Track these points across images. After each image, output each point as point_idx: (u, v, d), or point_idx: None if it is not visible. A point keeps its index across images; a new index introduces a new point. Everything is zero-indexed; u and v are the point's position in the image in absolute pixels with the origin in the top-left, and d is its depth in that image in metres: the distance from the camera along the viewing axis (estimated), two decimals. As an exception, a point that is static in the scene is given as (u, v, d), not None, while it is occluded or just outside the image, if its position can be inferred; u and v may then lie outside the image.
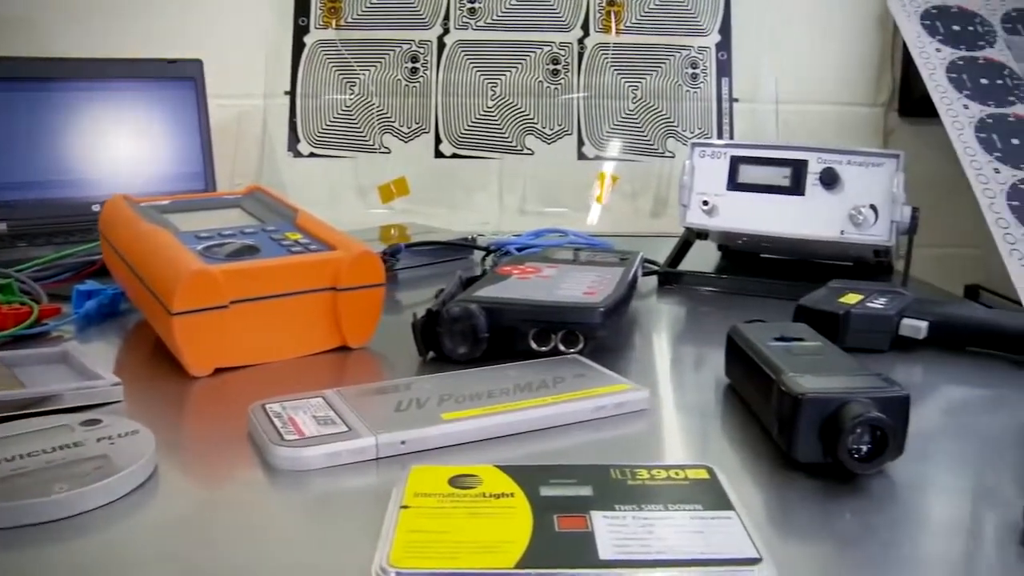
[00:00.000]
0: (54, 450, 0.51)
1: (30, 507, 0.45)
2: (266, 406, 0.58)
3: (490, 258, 1.13)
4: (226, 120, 1.42)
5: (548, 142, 1.47)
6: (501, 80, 1.47)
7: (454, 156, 1.47)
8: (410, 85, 1.47)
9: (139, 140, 1.28)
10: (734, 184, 1.00)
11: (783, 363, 0.57)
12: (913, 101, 1.48)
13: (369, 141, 1.46)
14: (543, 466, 0.47)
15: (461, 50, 1.47)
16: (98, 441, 0.52)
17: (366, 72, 1.47)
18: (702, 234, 1.05)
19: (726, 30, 1.50)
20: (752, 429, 0.59)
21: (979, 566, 0.45)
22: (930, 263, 1.19)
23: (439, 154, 1.47)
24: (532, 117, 1.47)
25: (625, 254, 0.94)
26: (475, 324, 0.70)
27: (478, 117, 1.47)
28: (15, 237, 1.14)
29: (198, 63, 1.31)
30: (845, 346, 0.74)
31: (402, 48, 1.47)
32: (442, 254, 1.14)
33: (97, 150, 1.24)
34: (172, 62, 1.30)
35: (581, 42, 1.48)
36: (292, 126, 1.46)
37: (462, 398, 0.59)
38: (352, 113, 1.47)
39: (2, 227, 1.16)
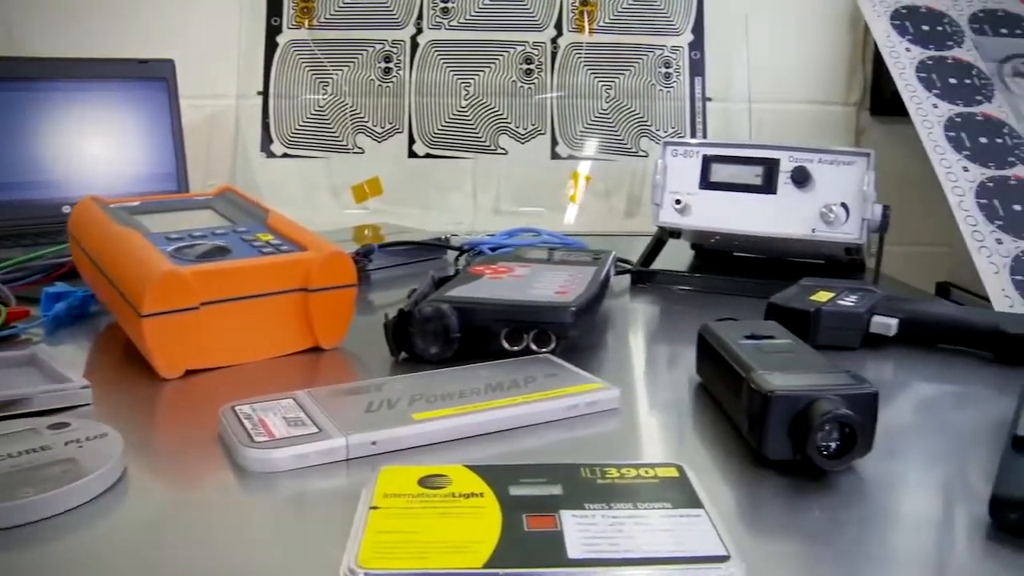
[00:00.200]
0: (21, 454, 0.50)
1: (-4, 511, 0.44)
2: (236, 408, 0.57)
3: (463, 258, 1.13)
4: (199, 121, 1.42)
5: (522, 142, 1.48)
6: (474, 80, 1.47)
7: (427, 156, 1.47)
8: (383, 85, 1.47)
9: (110, 141, 1.27)
10: (706, 183, 1.00)
11: (753, 361, 0.57)
12: (884, 100, 1.49)
13: (342, 141, 1.46)
14: (513, 465, 0.47)
15: (434, 50, 1.47)
16: (66, 444, 0.52)
17: (339, 72, 1.46)
18: (675, 233, 1.05)
19: (699, 30, 1.51)
20: (723, 427, 0.59)
21: (947, 560, 0.45)
22: (902, 261, 1.20)
23: (412, 154, 1.47)
24: (506, 117, 1.47)
25: (598, 253, 0.94)
26: (447, 324, 0.70)
27: (451, 117, 1.47)
28: (-16, 239, 1.13)
29: (170, 63, 1.30)
30: (816, 344, 0.75)
31: (375, 48, 1.47)
32: (415, 254, 1.14)
33: (68, 151, 1.23)
34: (143, 62, 1.29)
35: (554, 42, 1.48)
36: (265, 126, 1.46)
37: (433, 398, 0.59)
38: (325, 113, 1.46)
39: (-30, 229, 1.15)
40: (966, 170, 1.10)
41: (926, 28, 1.29)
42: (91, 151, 1.25)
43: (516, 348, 0.71)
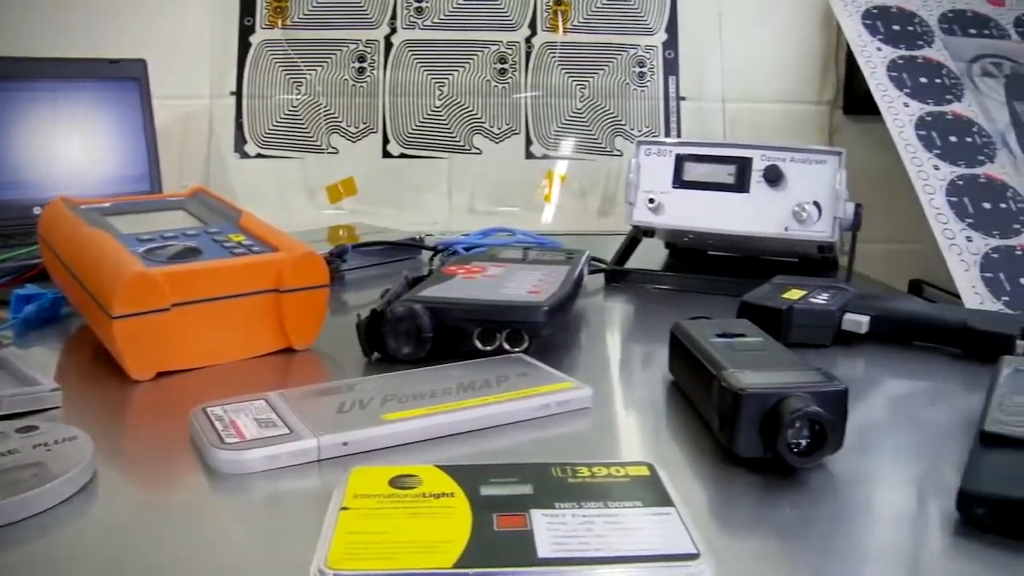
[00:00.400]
0: (-12, 457, 0.50)
1: (-37, 516, 0.44)
2: (207, 409, 0.57)
3: (437, 258, 1.13)
4: (172, 121, 1.41)
5: (496, 141, 1.48)
6: (449, 79, 1.47)
7: (402, 156, 1.47)
8: (357, 85, 1.46)
9: (82, 142, 1.26)
10: (680, 182, 1.00)
11: (724, 359, 0.57)
12: (857, 99, 1.50)
13: (317, 141, 1.46)
14: (483, 465, 0.47)
15: (408, 50, 1.47)
16: (34, 448, 0.51)
17: (313, 72, 1.46)
18: (648, 232, 1.05)
19: (672, 29, 1.51)
20: (695, 425, 0.59)
21: (915, 555, 0.45)
22: (875, 259, 1.21)
23: (387, 154, 1.47)
24: (480, 116, 1.47)
25: (571, 253, 0.94)
26: (419, 324, 0.70)
27: (426, 117, 1.47)
28: (-47, 241, 1.11)
29: (142, 63, 1.30)
30: (788, 341, 0.75)
31: (349, 48, 1.46)
32: (390, 254, 1.14)
33: (39, 152, 1.22)
34: (115, 62, 1.28)
35: (528, 41, 1.48)
36: (239, 127, 1.45)
37: (405, 398, 0.59)
38: (299, 113, 1.46)
39: (-60, 231, 1.14)
40: (937, 168, 1.11)
41: (897, 28, 1.30)
42: (62, 152, 1.24)
43: (489, 348, 0.71)
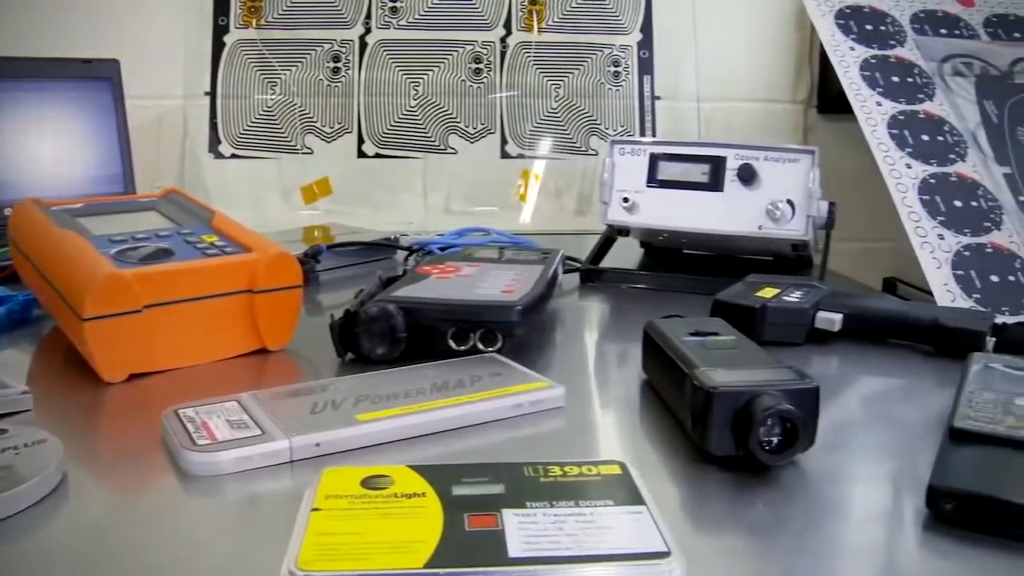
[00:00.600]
0: (-44, 461, 0.49)
1: (-70, 520, 0.44)
2: (179, 411, 0.57)
3: (412, 258, 1.13)
4: (146, 121, 1.40)
5: (471, 141, 1.47)
6: (424, 79, 1.47)
7: (377, 156, 1.46)
8: (332, 85, 1.46)
9: (54, 142, 1.24)
10: (654, 181, 1.00)
11: (696, 358, 0.57)
12: (831, 98, 1.51)
13: (291, 142, 1.45)
14: (456, 465, 0.47)
15: (383, 50, 1.46)
16: (2, 451, 0.51)
17: (287, 72, 1.45)
18: (623, 231, 1.06)
19: (647, 28, 1.52)
20: (668, 424, 0.59)
21: (885, 551, 0.46)
22: (849, 257, 1.22)
23: (362, 154, 1.46)
24: (455, 116, 1.47)
25: (546, 252, 0.94)
26: (393, 324, 0.70)
27: (401, 116, 1.47)
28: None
29: (115, 63, 1.28)
30: (762, 340, 0.75)
31: (324, 48, 1.46)
32: (365, 254, 1.13)
33: (10, 152, 1.21)
34: (87, 62, 1.27)
35: (503, 41, 1.48)
36: (213, 127, 1.44)
37: (378, 399, 0.59)
38: (274, 114, 1.45)
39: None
40: (909, 167, 1.11)
41: (869, 28, 1.30)
42: (34, 152, 1.23)
43: (463, 348, 0.71)
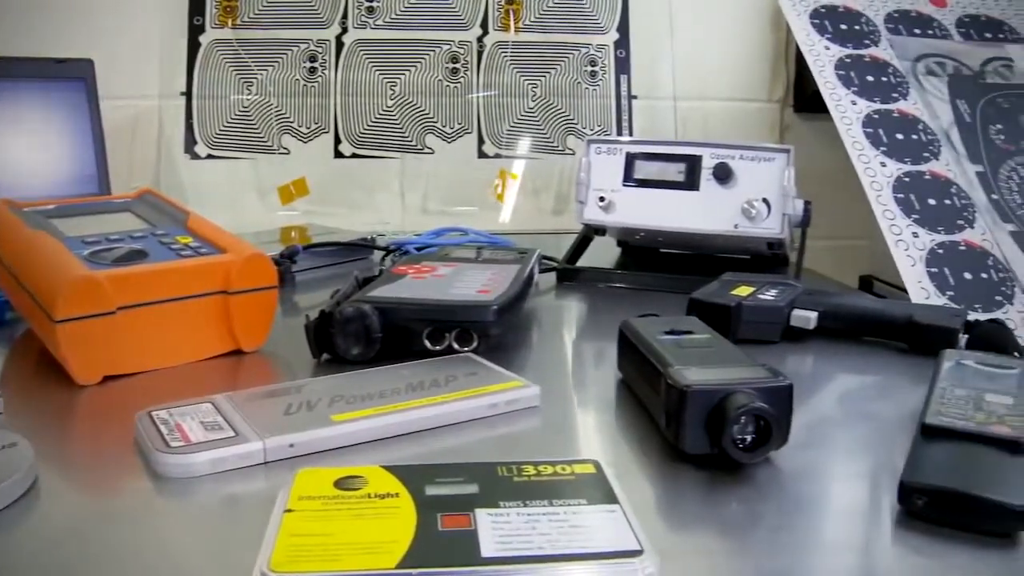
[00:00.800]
0: (-75, 465, 0.49)
1: None
2: (153, 413, 0.56)
3: (389, 258, 1.12)
4: (121, 122, 1.39)
5: (448, 141, 1.47)
6: (400, 79, 1.47)
7: (354, 156, 1.46)
8: (308, 85, 1.45)
9: (28, 143, 1.23)
10: (630, 180, 1.00)
11: (671, 356, 0.57)
12: (807, 98, 1.51)
13: (268, 142, 1.44)
14: (429, 465, 0.47)
15: (360, 49, 1.46)
16: (-27, 455, 0.50)
17: (264, 72, 1.45)
18: (599, 230, 1.06)
19: (624, 28, 1.52)
20: (643, 423, 0.60)
21: (857, 547, 0.46)
22: (826, 255, 1.23)
23: (339, 154, 1.46)
24: (432, 116, 1.47)
25: (522, 252, 0.94)
26: (368, 324, 0.69)
27: (378, 116, 1.46)
28: None
29: (88, 63, 1.27)
30: (737, 338, 0.76)
31: (300, 48, 1.46)
32: (342, 255, 1.13)
33: (-17, 153, 1.20)
34: (61, 61, 1.26)
35: (480, 40, 1.48)
36: (189, 127, 1.44)
37: (353, 399, 0.59)
38: (250, 114, 1.44)
39: None
40: (884, 165, 1.12)
41: (844, 27, 1.31)
42: (7, 153, 1.22)
43: (438, 347, 0.70)
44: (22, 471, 0.49)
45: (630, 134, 1.50)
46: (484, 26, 1.49)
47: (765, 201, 0.95)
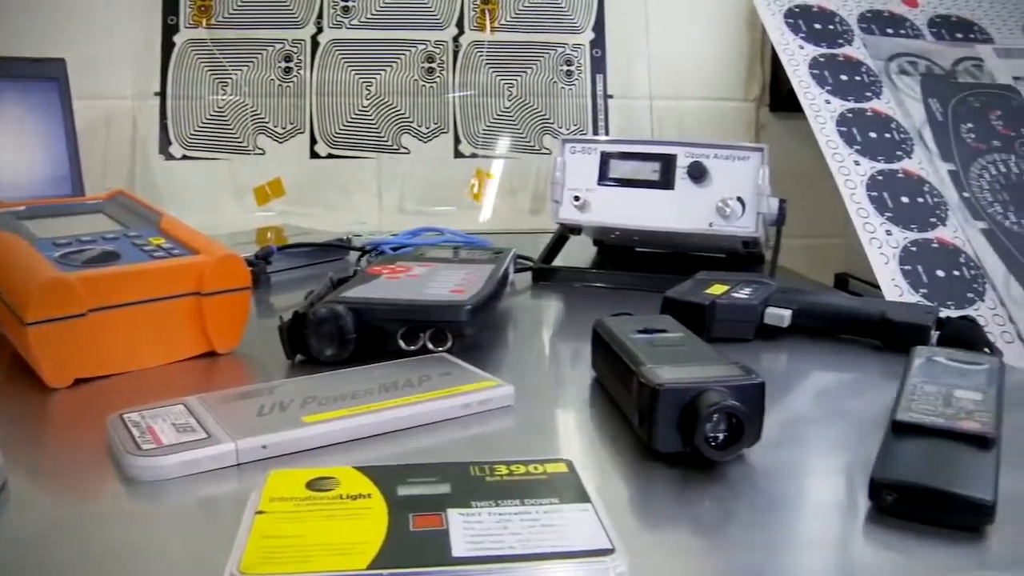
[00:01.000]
0: None
1: None
2: (124, 416, 0.56)
3: (365, 259, 1.12)
4: (95, 122, 1.38)
5: (424, 141, 1.47)
6: (376, 79, 1.46)
7: (330, 156, 1.46)
8: (284, 85, 1.45)
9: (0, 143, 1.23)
10: (605, 179, 1.01)
11: (644, 355, 0.57)
12: (782, 97, 1.52)
13: (243, 142, 1.44)
14: (402, 466, 0.47)
15: (335, 49, 1.46)
16: (-61, 460, 0.50)
17: (239, 72, 1.44)
18: (575, 230, 1.06)
19: (600, 27, 1.52)
20: (616, 421, 0.60)
21: (828, 543, 0.46)
22: (802, 253, 1.23)
23: (315, 155, 1.45)
24: (408, 116, 1.47)
25: (497, 251, 0.94)
26: (341, 325, 0.69)
27: (353, 116, 1.46)
28: None
29: (61, 62, 1.26)
30: (711, 336, 0.76)
31: (275, 47, 1.45)
32: (318, 255, 1.13)
33: (-46, 155, 1.19)
34: (33, 61, 1.25)
35: (456, 40, 1.48)
36: (163, 128, 1.43)
37: (326, 400, 0.59)
38: (225, 114, 1.44)
39: None
40: (857, 164, 1.13)
41: (818, 27, 1.32)
42: (-21, 155, 1.21)
43: (413, 348, 0.70)
44: (-9, 475, 0.48)
45: (606, 133, 1.50)
46: (460, 26, 1.49)
47: (739, 200, 0.95)
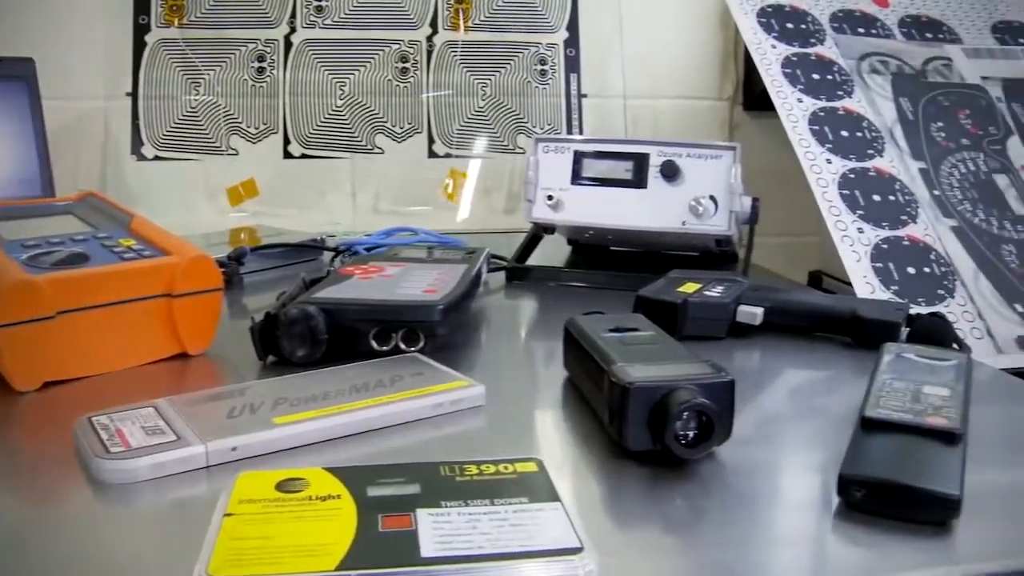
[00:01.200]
0: None
1: None
2: (93, 419, 0.56)
3: (339, 259, 1.12)
4: (66, 123, 1.37)
5: (398, 140, 1.47)
6: (350, 79, 1.46)
7: (303, 156, 1.45)
8: (257, 85, 1.44)
9: (-33, 145, 1.22)
10: (578, 178, 1.01)
11: (615, 353, 0.58)
12: (756, 96, 1.52)
13: (216, 143, 1.43)
14: (371, 466, 0.47)
15: (309, 49, 1.45)
16: (-94, 463, 0.50)
17: (211, 72, 1.43)
18: (548, 229, 1.06)
19: (574, 27, 1.52)
20: (587, 420, 0.60)
21: (798, 540, 0.47)
22: (775, 251, 1.24)
23: (288, 155, 1.45)
24: (382, 116, 1.46)
25: (471, 251, 0.94)
26: (313, 326, 0.69)
27: (327, 117, 1.45)
28: None
29: (29, 62, 1.25)
30: (683, 334, 0.76)
31: (248, 47, 1.44)
32: (291, 256, 1.12)
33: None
34: (0, 61, 1.24)
35: (430, 40, 1.48)
36: (135, 128, 1.42)
37: (297, 401, 0.58)
38: (198, 114, 1.43)
39: None
40: (829, 162, 1.13)
41: (790, 26, 1.33)
42: (-54, 156, 1.20)
43: (385, 348, 0.70)
44: (-44, 479, 0.48)
45: (580, 133, 1.51)
46: (434, 25, 1.48)
47: (712, 198, 0.96)
